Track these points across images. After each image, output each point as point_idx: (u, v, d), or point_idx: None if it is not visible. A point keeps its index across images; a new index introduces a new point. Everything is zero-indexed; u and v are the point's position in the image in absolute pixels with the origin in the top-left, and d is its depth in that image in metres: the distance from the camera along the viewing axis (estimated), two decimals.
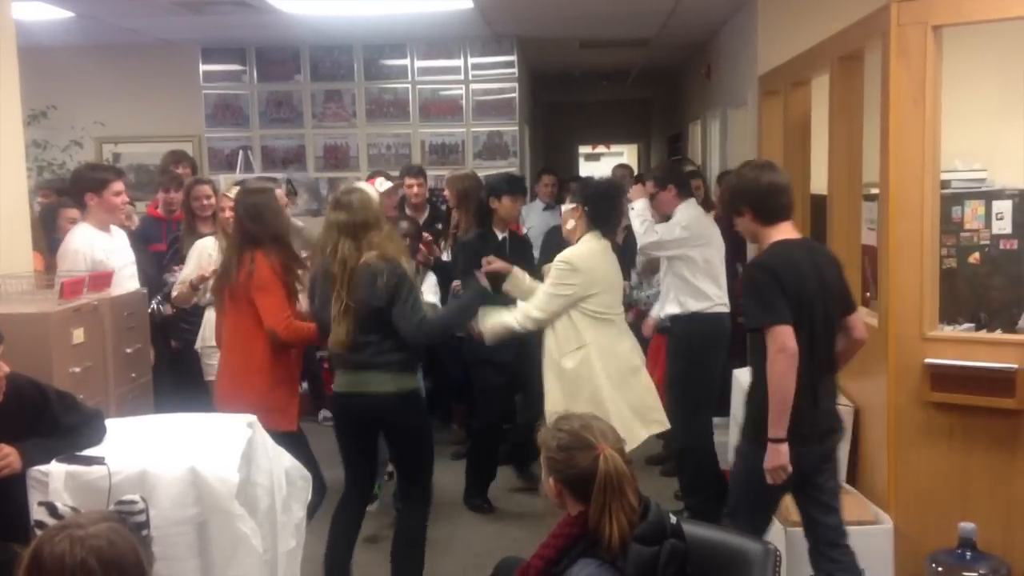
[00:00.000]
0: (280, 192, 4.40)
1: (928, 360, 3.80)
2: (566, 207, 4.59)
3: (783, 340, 3.11)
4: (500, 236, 5.31)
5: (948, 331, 4.10)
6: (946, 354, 3.79)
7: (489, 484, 5.40)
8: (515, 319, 4.31)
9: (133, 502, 1.91)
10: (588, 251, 4.32)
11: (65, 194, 5.36)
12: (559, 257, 4.32)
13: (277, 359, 4.13)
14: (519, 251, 5.20)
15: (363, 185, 4.01)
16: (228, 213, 4.69)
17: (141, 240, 5.46)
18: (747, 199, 3.34)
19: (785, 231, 3.32)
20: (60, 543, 1.76)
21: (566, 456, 2.44)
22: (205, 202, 5.39)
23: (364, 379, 3.79)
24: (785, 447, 3.15)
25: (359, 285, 3.68)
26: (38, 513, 1.98)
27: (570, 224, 4.43)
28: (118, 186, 4.72)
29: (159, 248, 5.65)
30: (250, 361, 4.11)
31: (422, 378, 6.46)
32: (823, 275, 3.29)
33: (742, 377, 4.83)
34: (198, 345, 4.89)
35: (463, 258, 5.23)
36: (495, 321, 4.34)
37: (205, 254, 4.87)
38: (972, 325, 4.49)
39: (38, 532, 1.90)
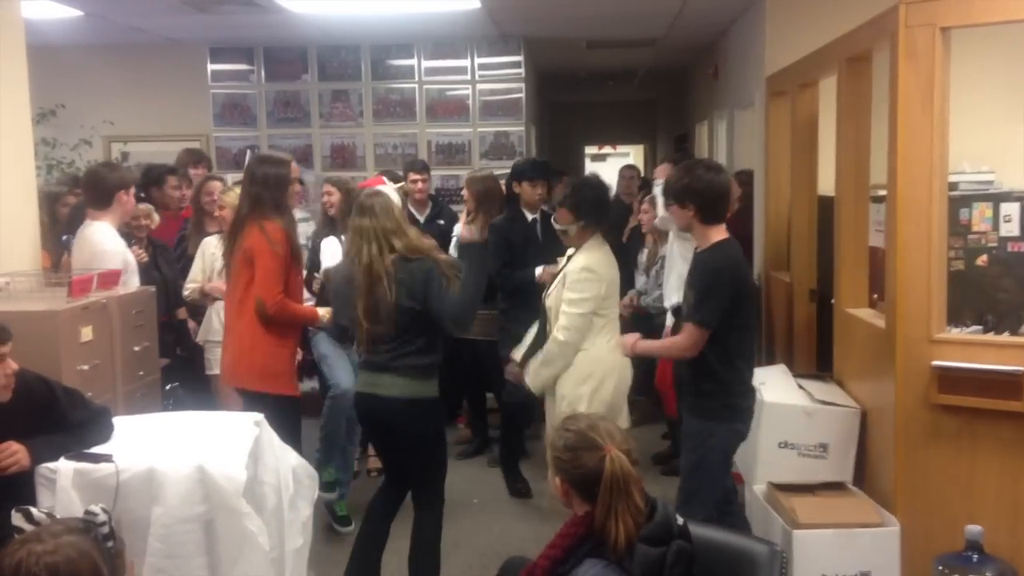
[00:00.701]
0: (295, 166, 4.41)
1: (935, 362, 3.79)
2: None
3: (696, 342, 3.65)
4: (530, 217, 5.47)
5: (955, 333, 4.09)
6: (953, 356, 3.78)
7: (519, 463, 5.57)
8: (546, 355, 4.29)
9: (94, 514, 1.95)
10: (603, 256, 4.33)
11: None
12: (581, 267, 4.28)
13: (272, 324, 4.19)
14: (550, 232, 5.23)
15: (385, 189, 4.01)
16: (228, 212, 4.73)
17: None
18: (697, 197, 3.67)
19: (721, 232, 3.72)
20: (17, 555, 1.81)
21: (572, 456, 2.45)
22: (215, 198, 5.41)
23: (378, 381, 3.80)
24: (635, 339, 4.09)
25: (393, 286, 3.68)
26: (16, 519, 2.01)
27: (571, 230, 4.39)
28: (133, 189, 4.77)
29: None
30: (246, 326, 4.19)
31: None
32: (749, 271, 3.84)
33: None
34: (200, 338, 4.91)
35: (492, 240, 5.33)
36: (534, 373, 4.36)
37: (209, 252, 4.90)
38: (979, 327, 4.48)
39: (16, 537, 1.94)
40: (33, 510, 2.04)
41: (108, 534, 1.95)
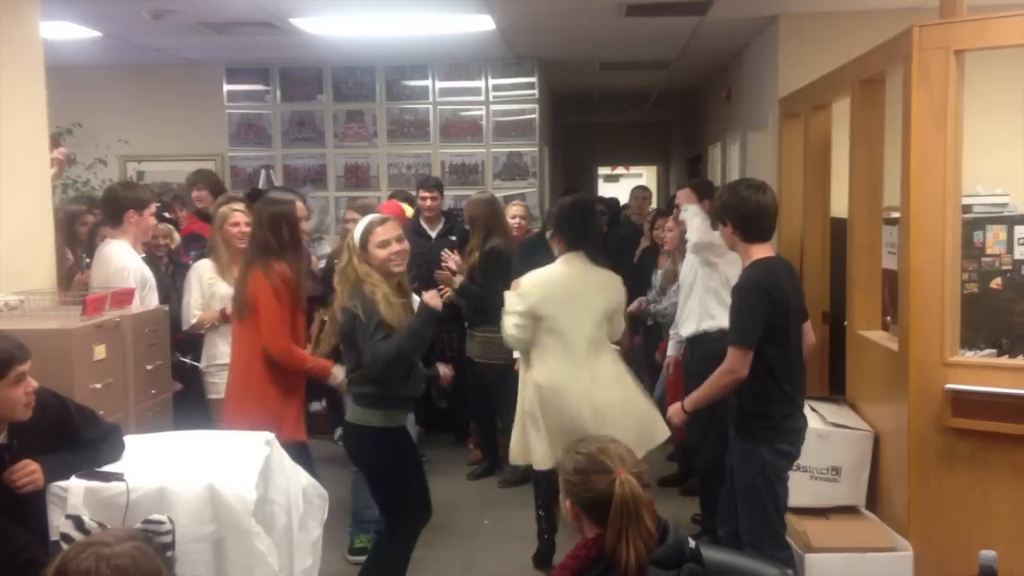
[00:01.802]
0: (301, 205, 4.43)
1: (949, 386, 3.77)
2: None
3: (735, 364, 3.54)
4: None
5: (969, 357, 4.07)
6: (967, 380, 3.76)
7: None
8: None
9: (160, 522, 1.93)
10: (549, 274, 4.29)
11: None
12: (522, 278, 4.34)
13: (280, 370, 4.18)
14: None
15: (362, 218, 4.00)
16: (239, 229, 4.74)
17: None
18: (735, 215, 3.65)
19: (764, 250, 3.66)
20: (86, 560, 1.76)
21: (582, 479, 2.44)
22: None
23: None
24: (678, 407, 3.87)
25: (338, 311, 3.78)
26: (64, 526, 1.99)
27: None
28: (153, 208, 4.78)
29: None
30: (253, 372, 4.19)
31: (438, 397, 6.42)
32: (796, 287, 3.73)
33: None
34: (203, 364, 4.89)
35: (516, 259, 5.44)
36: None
37: (206, 278, 4.88)
38: (993, 351, 4.46)
39: (64, 545, 1.91)
40: (84, 518, 2.02)
41: (169, 543, 1.92)
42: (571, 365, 4.16)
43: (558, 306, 4.18)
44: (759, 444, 3.60)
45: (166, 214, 5.85)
